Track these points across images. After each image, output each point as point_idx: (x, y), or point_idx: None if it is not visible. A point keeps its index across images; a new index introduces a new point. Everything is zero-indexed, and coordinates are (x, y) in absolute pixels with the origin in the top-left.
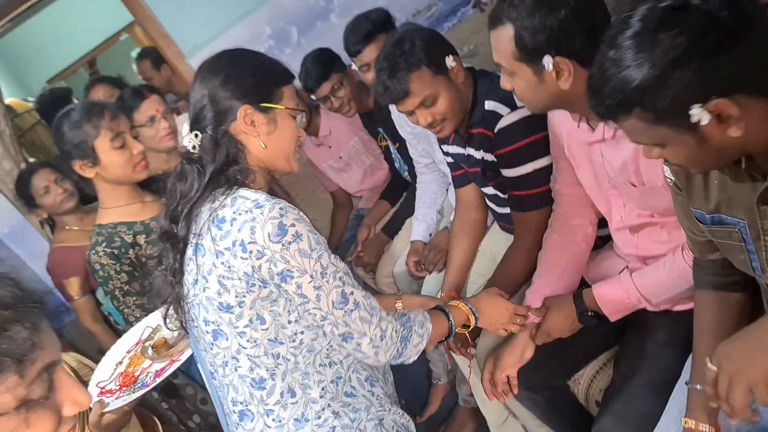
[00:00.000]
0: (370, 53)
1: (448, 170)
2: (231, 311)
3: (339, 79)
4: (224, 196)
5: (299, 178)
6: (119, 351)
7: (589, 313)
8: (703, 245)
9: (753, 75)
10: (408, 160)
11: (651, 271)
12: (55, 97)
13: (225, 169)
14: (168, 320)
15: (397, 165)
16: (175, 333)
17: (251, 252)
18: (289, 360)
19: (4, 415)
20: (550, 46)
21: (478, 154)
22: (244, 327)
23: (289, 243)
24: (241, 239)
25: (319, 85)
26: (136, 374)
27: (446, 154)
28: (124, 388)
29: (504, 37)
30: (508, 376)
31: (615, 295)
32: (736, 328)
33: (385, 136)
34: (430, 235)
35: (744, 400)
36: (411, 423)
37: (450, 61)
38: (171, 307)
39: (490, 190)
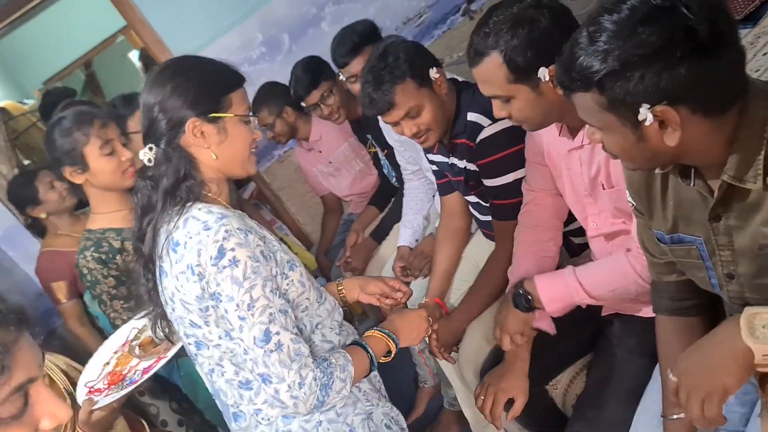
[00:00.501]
0: (357, 65)
1: (434, 178)
2: (200, 328)
3: (328, 87)
4: (178, 217)
5: (290, 182)
6: (106, 352)
7: (521, 291)
8: (661, 267)
9: (705, 94)
10: (396, 166)
11: (594, 265)
12: (59, 97)
13: (178, 184)
14: (156, 329)
15: (385, 171)
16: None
17: (198, 274)
18: None
19: None
20: (542, 58)
21: (461, 164)
22: (219, 340)
23: (224, 267)
24: (191, 263)
25: (308, 93)
26: (124, 372)
27: (431, 162)
28: (113, 386)
29: (492, 67)
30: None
31: (554, 283)
32: None
33: (374, 143)
34: (417, 240)
35: (700, 411)
36: (401, 417)
37: (433, 73)
38: (157, 319)
39: (472, 199)
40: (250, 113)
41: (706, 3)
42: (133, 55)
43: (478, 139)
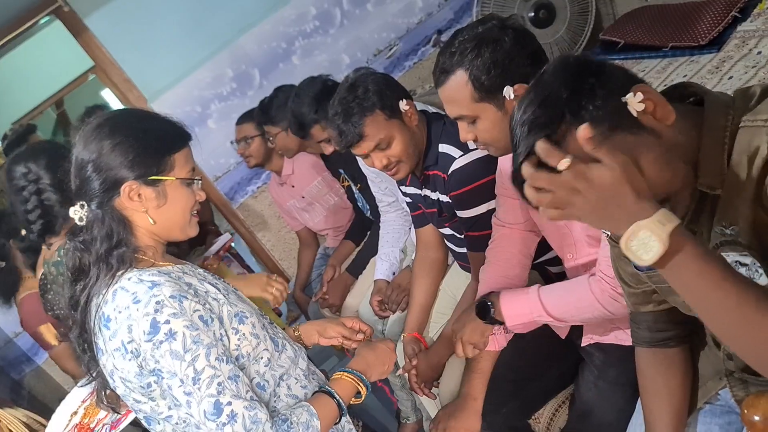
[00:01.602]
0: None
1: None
2: (145, 404)
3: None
4: (106, 289)
5: (265, 218)
6: (74, 401)
7: (486, 302)
8: (638, 297)
9: None
10: (370, 199)
11: (558, 286)
12: (18, 135)
13: (111, 251)
14: (102, 398)
15: (360, 204)
16: None
17: (132, 351)
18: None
19: None
20: (506, 77)
21: (434, 195)
22: (169, 411)
23: (161, 342)
24: (123, 340)
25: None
26: (92, 426)
27: (405, 194)
28: None
29: (458, 85)
30: None
31: (516, 299)
32: (680, 383)
33: (347, 176)
34: (393, 273)
35: None
36: None
37: (403, 105)
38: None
39: (447, 231)
40: (193, 175)
41: None
42: (105, 93)
43: (450, 171)
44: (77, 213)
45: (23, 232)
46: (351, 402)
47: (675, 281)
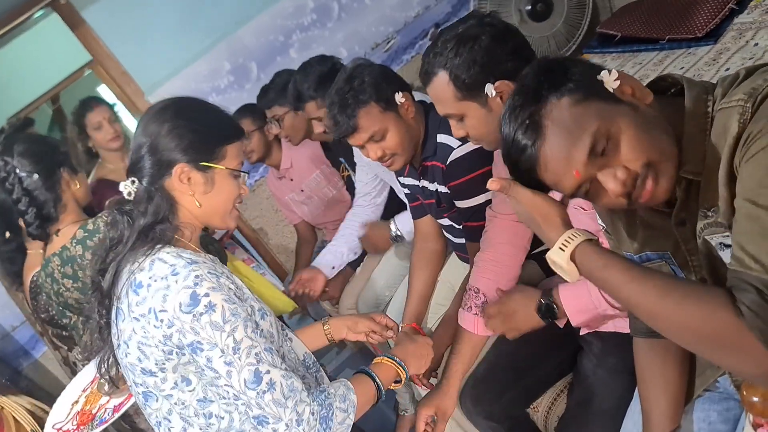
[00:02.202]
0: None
1: (407, 200)
2: (154, 376)
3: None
4: (144, 257)
5: (263, 212)
6: (74, 390)
7: (547, 301)
8: None
9: None
10: None
11: None
12: (17, 129)
13: (154, 225)
14: (102, 369)
15: None
16: None
17: (162, 320)
18: (222, 418)
19: None
20: (486, 74)
21: (432, 186)
22: (171, 389)
23: (201, 314)
24: (153, 307)
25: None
26: (94, 411)
27: (403, 185)
28: (82, 427)
29: (441, 85)
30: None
31: (578, 294)
32: (677, 372)
33: (347, 166)
34: (333, 268)
35: None
36: None
37: (399, 97)
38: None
39: (445, 222)
40: (242, 168)
41: None
42: (102, 89)
43: (448, 161)
44: (127, 188)
45: (22, 224)
46: (391, 386)
47: (596, 285)
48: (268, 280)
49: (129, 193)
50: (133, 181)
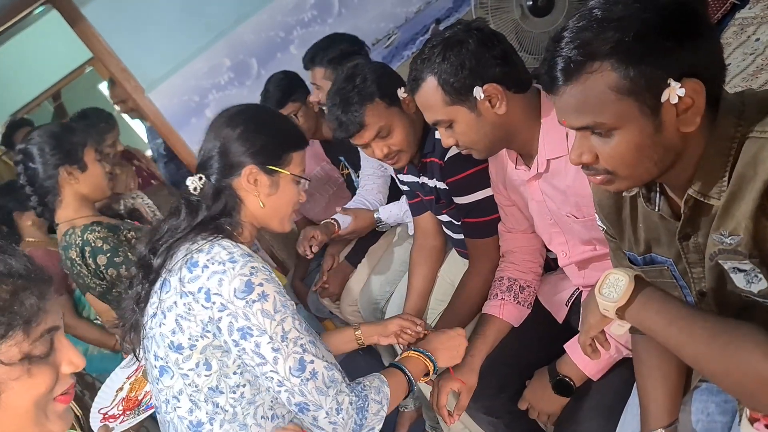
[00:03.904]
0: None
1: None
2: (180, 351)
3: (295, 109)
4: (204, 241)
5: None
6: (119, 378)
7: (565, 379)
8: None
9: (716, 74)
10: None
11: None
12: (16, 127)
13: (217, 218)
14: (125, 338)
15: None
16: None
17: (214, 303)
18: (227, 411)
19: (11, 365)
20: (474, 78)
21: (432, 183)
22: (189, 370)
23: (254, 301)
24: (208, 287)
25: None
26: (140, 397)
27: (402, 182)
28: (128, 412)
29: (429, 91)
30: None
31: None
32: (675, 366)
33: (347, 164)
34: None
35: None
36: None
37: (401, 92)
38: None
39: (445, 218)
40: (303, 176)
41: None
42: (103, 86)
43: (446, 157)
44: (193, 183)
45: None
46: (420, 380)
47: (637, 319)
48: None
49: (195, 189)
50: (200, 178)
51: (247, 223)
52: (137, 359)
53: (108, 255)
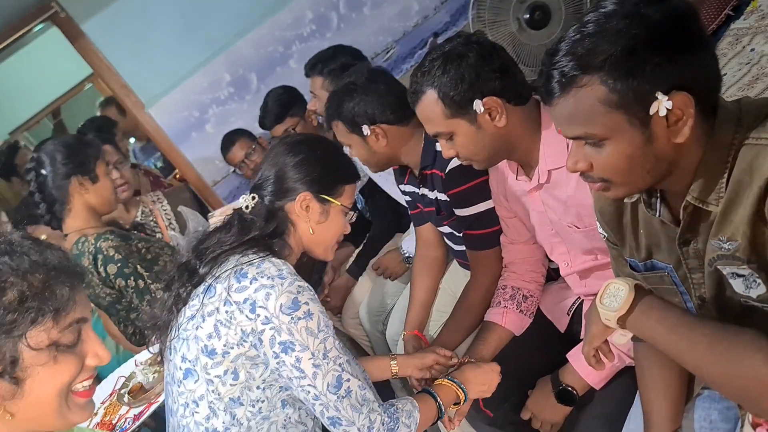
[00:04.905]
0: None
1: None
2: (212, 356)
3: (294, 123)
4: (255, 256)
5: None
6: None
7: (568, 388)
8: None
9: (709, 86)
10: (369, 201)
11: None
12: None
13: (268, 237)
14: (153, 338)
15: (359, 206)
16: (150, 378)
17: (258, 315)
18: (242, 424)
19: (38, 350)
20: (474, 91)
21: (432, 194)
22: (215, 376)
23: (299, 318)
24: (254, 299)
25: (273, 125)
26: (114, 421)
27: (404, 193)
28: None
29: (430, 104)
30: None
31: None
32: (677, 374)
33: None
34: None
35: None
36: None
37: (366, 129)
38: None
39: (445, 229)
40: (352, 209)
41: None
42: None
43: (447, 169)
44: (246, 201)
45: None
46: (450, 408)
47: (638, 328)
48: None
49: (247, 207)
50: (253, 197)
51: (295, 246)
52: (161, 357)
53: (119, 265)
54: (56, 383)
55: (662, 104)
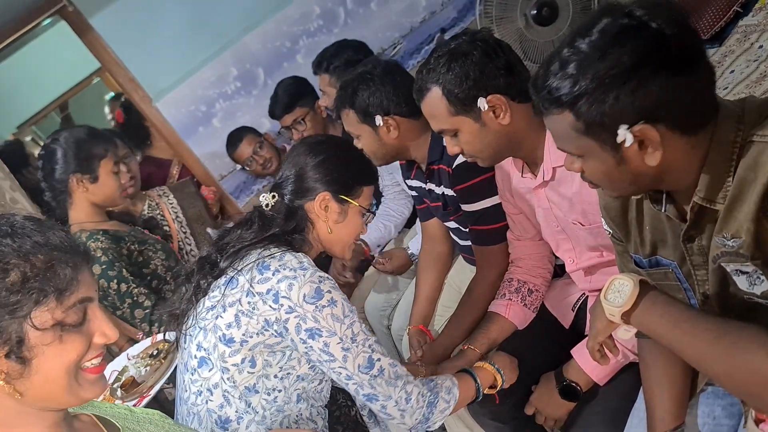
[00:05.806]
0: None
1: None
2: (230, 345)
3: (303, 114)
4: (276, 249)
5: None
6: None
7: (572, 384)
8: None
9: (681, 111)
10: (375, 197)
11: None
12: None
13: (287, 235)
14: (169, 327)
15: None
16: (142, 371)
17: (281, 305)
18: (257, 412)
19: (43, 330)
20: (479, 89)
21: (439, 190)
22: (232, 364)
23: (324, 306)
24: (277, 290)
25: (282, 115)
26: None
27: (410, 188)
28: None
29: (435, 100)
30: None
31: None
32: (680, 371)
33: None
34: (378, 246)
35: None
36: None
37: (379, 120)
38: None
39: (452, 224)
40: (370, 210)
41: (674, 21)
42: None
43: (454, 165)
44: (266, 199)
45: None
46: (486, 391)
47: (642, 323)
48: None
49: (267, 205)
50: (273, 196)
51: (314, 243)
52: (176, 345)
53: (103, 267)
54: (63, 362)
55: (627, 136)
